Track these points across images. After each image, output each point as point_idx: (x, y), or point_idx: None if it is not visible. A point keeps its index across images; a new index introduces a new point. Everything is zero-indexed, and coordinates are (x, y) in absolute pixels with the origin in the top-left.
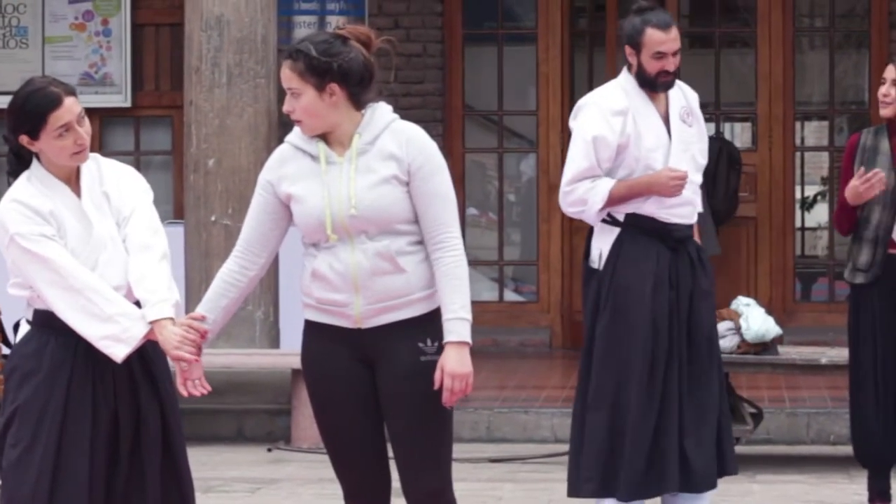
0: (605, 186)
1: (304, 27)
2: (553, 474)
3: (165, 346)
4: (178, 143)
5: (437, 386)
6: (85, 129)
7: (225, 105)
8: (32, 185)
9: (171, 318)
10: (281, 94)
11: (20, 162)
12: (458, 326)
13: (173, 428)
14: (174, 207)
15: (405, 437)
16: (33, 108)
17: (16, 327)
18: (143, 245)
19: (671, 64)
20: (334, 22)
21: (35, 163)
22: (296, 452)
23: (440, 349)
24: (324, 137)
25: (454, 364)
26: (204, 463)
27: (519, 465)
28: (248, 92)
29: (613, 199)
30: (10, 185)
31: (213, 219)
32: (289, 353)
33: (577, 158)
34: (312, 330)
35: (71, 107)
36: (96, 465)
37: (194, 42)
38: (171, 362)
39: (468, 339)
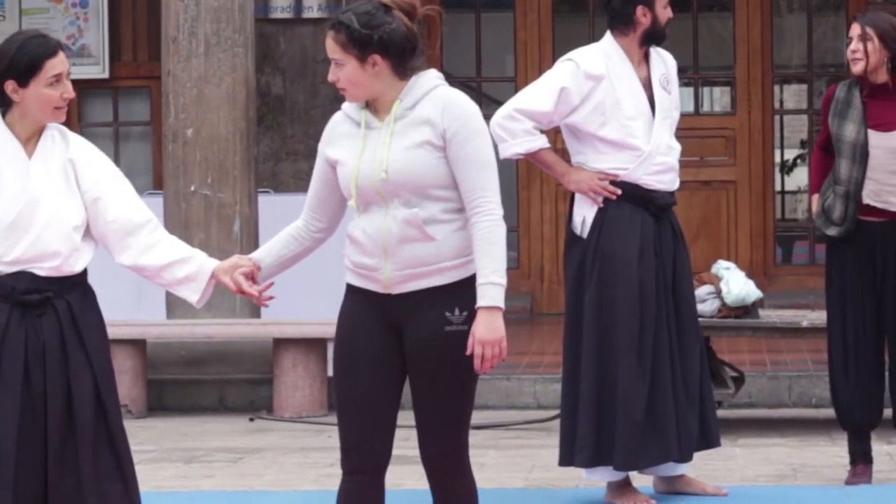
0: (538, 144)
1: None
2: (535, 440)
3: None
4: (156, 114)
5: (468, 352)
6: (70, 87)
7: (203, 74)
8: None
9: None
10: (258, 63)
11: None
12: (489, 291)
13: (108, 401)
14: (153, 178)
15: (424, 402)
16: (30, 52)
17: None
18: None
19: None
20: None
21: None
22: (278, 422)
23: (469, 318)
24: (368, 104)
25: (483, 330)
26: (186, 433)
27: (501, 431)
28: (225, 61)
29: (534, 159)
30: None
31: (192, 188)
32: (270, 322)
33: (541, 97)
34: (351, 292)
35: (64, 59)
36: (25, 439)
37: (171, 12)
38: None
39: (499, 303)
